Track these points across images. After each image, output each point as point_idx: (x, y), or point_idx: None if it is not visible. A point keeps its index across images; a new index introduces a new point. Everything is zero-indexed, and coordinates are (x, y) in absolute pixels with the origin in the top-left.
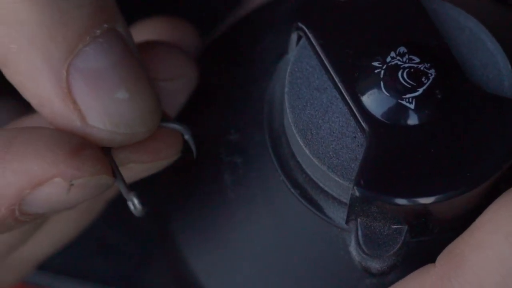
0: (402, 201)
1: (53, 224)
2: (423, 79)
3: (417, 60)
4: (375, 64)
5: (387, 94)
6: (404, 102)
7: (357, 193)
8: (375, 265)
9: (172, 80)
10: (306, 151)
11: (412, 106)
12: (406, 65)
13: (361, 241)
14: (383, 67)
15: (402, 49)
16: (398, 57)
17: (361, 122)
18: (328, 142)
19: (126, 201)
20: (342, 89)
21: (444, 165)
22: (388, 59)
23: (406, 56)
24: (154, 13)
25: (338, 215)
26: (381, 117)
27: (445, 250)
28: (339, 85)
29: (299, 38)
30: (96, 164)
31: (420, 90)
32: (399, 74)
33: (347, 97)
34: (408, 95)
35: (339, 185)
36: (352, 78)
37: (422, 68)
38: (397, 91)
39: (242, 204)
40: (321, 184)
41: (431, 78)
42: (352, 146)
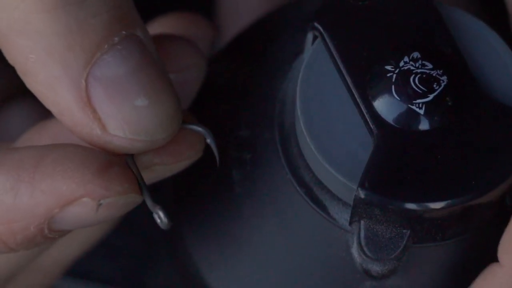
0: (405, 205)
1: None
2: (435, 86)
3: (430, 66)
4: (388, 68)
5: (398, 99)
6: (414, 107)
7: (361, 195)
8: (376, 268)
9: (182, 72)
10: (314, 151)
11: (422, 112)
12: (419, 71)
13: (363, 243)
14: (396, 71)
15: (416, 55)
16: (411, 62)
17: (370, 124)
18: (337, 143)
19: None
20: (354, 91)
21: (450, 172)
22: (401, 64)
23: (419, 62)
24: (172, 10)
25: (342, 216)
26: (391, 121)
27: (505, 245)
28: (351, 87)
29: (315, 38)
30: (124, 183)
31: (431, 96)
32: (411, 79)
33: (358, 99)
34: (419, 101)
35: (345, 187)
36: (364, 81)
37: (435, 75)
38: (408, 96)
39: (249, 201)
40: (327, 184)
41: (443, 85)
42: (361, 148)
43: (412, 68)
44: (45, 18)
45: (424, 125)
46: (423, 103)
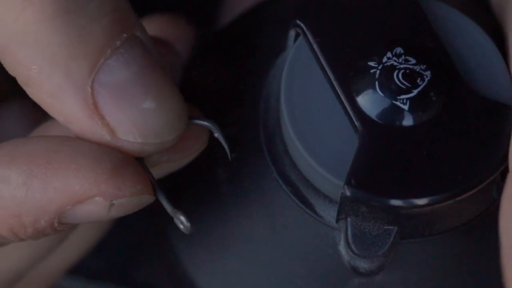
0: (392, 202)
1: (81, 229)
2: (418, 81)
3: (413, 62)
4: (371, 64)
5: (382, 95)
6: (399, 103)
7: (348, 192)
8: (364, 265)
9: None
10: (299, 148)
11: (406, 108)
12: (402, 66)
13: (351, 241)
14: (379, 67)
15: (399, 50)
16: (395, 58)
17: (354, 121)
18: (323, 140)
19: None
20: (337, 88)
21: (436, 168)
22: (384, 59)
23: (403, 57)
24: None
25: (329, 214)
26: (375, 117)
27: None
28: (334, 84)
29: (297, 36)
30: (138, 184)
31: (415, 92)
32: (395, 75)
33: (342, 96)
34: (403, 96)
35: (331, 184)
36: (348, 77)
37: (418, 70)
38: (392, 92)
39: (235, 200)
40: (313, 182)
41: (427, 80)
42: (347, 146)
43: (396, 64)
44: (46, 28)
45: (409, 121)
46: (407, 99)
